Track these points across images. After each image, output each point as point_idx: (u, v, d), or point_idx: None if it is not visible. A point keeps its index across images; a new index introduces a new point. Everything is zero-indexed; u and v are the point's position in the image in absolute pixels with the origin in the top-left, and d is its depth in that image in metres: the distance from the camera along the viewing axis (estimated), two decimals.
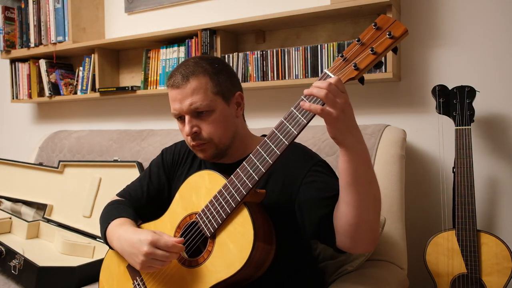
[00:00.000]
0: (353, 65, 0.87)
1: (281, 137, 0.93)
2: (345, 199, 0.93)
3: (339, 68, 0.90)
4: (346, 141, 0.88)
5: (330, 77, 0.89)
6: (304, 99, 0.90)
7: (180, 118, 1.14)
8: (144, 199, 1.30)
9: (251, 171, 0.97)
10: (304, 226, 1.06)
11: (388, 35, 0.86)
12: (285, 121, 0.93)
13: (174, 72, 1.14)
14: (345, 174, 0.91)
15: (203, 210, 1.04)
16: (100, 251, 1.80)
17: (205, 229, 1.03)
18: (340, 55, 0.90)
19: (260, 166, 0.96)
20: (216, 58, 1.20)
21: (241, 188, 0.98)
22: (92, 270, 1.51)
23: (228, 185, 1.01)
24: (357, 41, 0.89)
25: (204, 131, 1.12)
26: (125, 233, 1.10)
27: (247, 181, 0.97)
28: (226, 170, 1.08)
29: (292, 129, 0.91)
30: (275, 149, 0.94)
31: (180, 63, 1.18)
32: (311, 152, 1.19)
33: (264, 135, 1.25)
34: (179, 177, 1.28)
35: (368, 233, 0.96)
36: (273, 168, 0.98)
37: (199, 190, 1.09)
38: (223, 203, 1.01)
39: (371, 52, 0.87)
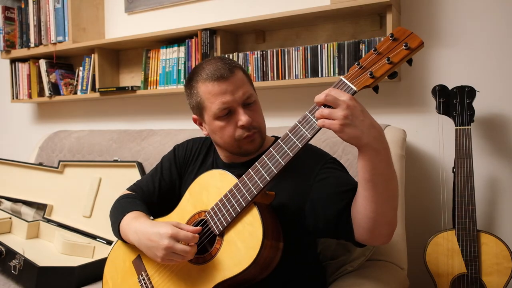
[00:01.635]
0: (369, 73, 0.89)
1: (294, 139, 0.95)
2: (363, 194, 0.94)
3: (355, 76, 0.91)
4: (360, 143, 0.88)
5: (346, 84, 0.91)
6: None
7: (226, 114, 1.12)
8: (156, 194, 1.30)
9: (263, 171, 0.99)
10: (317, 224, 1.05)
11: (405, 46, 0.88)
12: (299, 125, 0.95)
13: (212, 67, 1.12)
14: (362, 171, 0.92)
15: (212, 208, 1.05)
16: (100, 251, 1.80)
17: (214, 226, 1.04)
18: (356, 63, 0.92)
19: (272, 168, 0.97)
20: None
21: (252, 188, 0.99)
22: (92, 270, 1.51)
23: (239, 184, 1.02)
24: (374, 50, 0.91)
25: (254, 120, 1.14)
26: (141, 226, 1.09)
27: (258, 181, 0.99)
28: (239, 168, 1.09)
29: (306, 133, 0.93)
30: (288, 151, 0.95)
31: (204, 62, 1.17)
32: (322, 151, 1.20)
33: (273, 136, 1.27)
34: (189, 173, 1.29)
35: (385, 226, 0.97)
36: (284, 170, 0.98)
37: (210, 188, 1.10)
38: (233, 202, 1.02)
39: (387, 62, 0.88)
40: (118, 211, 1.22)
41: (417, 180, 1.82)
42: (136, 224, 1.12)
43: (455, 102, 1.57)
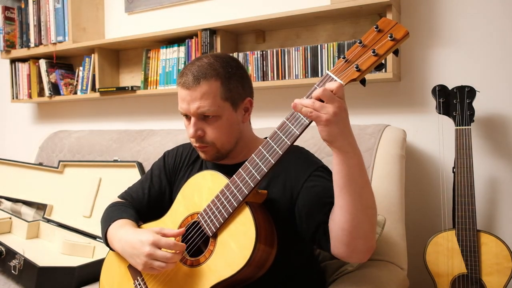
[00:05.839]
0: (354, 66, 0.88)
1: (283, 137, 0.93)
2: (338, 203, 0.94)
3: (341, 70, 0.90)
4: (336, 143, 0.89)
5: (332, 78, 0.89)
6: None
7: (187, 116, 1.14)
8: (145, 202, 1.30)
9: (253, 171, 0.97)
10: (303, 230, 1.06)
11: (390, 37, 0.86)
12: (287, 121, 0.93)
13: (186, 70, 1.11)
14: (337, 176, 0.92)
15: (205, 210, 1.05)
16: (100, 251, 1.80)
17: (207, 228, 1.03)
18: (342, 56, 0.91)
19: (262, 166, 0.96)
20: (231, 59, 1.16)
21: (243, 187, 0.98)
22: (92, 270, 1.51)
23: (230, 184, 1.01)
24: (359, 43, 0.89)
25: (208, 135, 1.11)
26: (125, 234, 1.10)
27: (249, 181, 0.98)
28: (227, 171, 1.09)
29: (294, 129, 0.92)
30: (277, 149, 0.94)
31: (194, 59, 1.15)
32: (314, 158, 1.19)
33: (266, 138, 1.26)
34: (180, 179, 1.28)
35: (361, 241, 0.95)
36: (276, 171, 0.98)
37: (201, 190, 1.10)
38: (225, 202, 1.01)
39: (372, 54, 0.87)
40: (106, 220, 1.23)
41: (417, 180, 1.82)
42: (121, 232, 1.13)
43: (455, 102, 1.57)
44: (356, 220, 0.92)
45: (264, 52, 1.94)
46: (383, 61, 0.90)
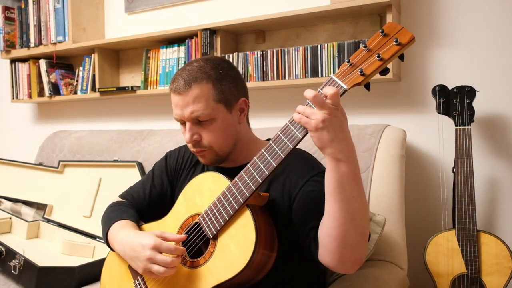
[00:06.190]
0: (359, 70, 0.87)
1: (285, 140, 0.93)
2: (327, 209, 0.93)
3: (345, 74, 0.89)
4: (327, 150, 0.88)
5: (336, 82, 0.89)
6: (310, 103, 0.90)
7: (182, 121, 1.14)
8: (146, 202, 1.30)
9: (254, 173, 0.97)
10: (298, 234, 1.06)
11: (395, 41, 0.85)
12: (290, 125, 0.93)
13: (177, 76, 1.11)
14: (327, 182, 0.91)
15: (206, 211, 1.05)
16: (100, 251, 1.80)
17: (207, 230, 1.03)
18: (346, 60, 0.90)
19: (264, 169, 0.96)
20: (222, 60, 1.16)
21: (244, 190, 0.98)
22: (92, 270, 1.51)
23: (232, 187, 1.01)
24: (364, 47, 0.88)
25: (205, 139, 1.11)
26: (126, 236, 1.10)
27: (250, 184, 0.97)
28: (229, 174, 1.08)
29: (297, 133, 0.91)
30: (280, 152, 0.93)
31: (184, 64, 1.14)
32: (317, 163, 1.18)
33: (269, 139, 1.26)
34: (182, 181, 1.28)
35: (348, 251, 0.93)
36: (276, 173, 0.97)
37: (203, 191, 1.09)
38: (226, 204, 1.00)
39: (377, 58, 0.86)
40: (106, 220, 1.23)
41: (417, 180, 1.82)
42: (122, 234, 1.13)
43: (455, 102, 1.57)
44: (343, 228, 0.90)
45: (264, 52, 1.94)
46: (388, 66, 0.89)
